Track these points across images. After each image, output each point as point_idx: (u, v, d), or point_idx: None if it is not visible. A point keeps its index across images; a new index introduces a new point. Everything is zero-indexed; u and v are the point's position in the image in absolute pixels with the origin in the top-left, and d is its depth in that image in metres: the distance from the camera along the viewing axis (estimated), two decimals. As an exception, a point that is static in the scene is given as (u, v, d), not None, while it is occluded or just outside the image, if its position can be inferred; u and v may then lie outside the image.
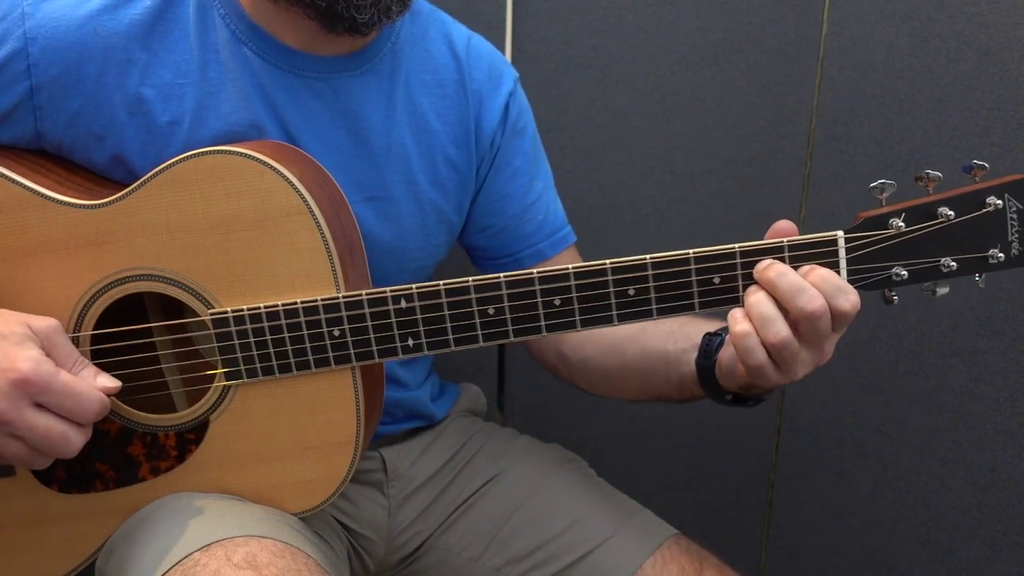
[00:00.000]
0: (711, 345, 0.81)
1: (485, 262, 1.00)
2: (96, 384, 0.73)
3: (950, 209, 0.71)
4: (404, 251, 0.91)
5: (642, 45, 1.25)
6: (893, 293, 0.74)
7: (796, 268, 0.72)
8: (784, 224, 0.74)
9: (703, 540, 0.94)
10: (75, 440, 0.71)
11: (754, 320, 0.71)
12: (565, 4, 1.24)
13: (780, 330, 0.70)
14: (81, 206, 0.76)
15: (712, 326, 0.84)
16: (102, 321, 0.78)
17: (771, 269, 0.71)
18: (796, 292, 0.69)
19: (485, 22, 1.22)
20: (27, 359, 0.68)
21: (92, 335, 0.77)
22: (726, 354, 0.78)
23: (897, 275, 0.73)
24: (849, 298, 0.70)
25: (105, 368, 0.78)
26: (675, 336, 0.86)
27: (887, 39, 1.17)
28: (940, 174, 0.71)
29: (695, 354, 0.82)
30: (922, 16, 1.15)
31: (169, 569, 0.69)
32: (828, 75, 1.21)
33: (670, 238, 1.31)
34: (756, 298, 0.71)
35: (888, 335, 1.24)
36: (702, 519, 1.40)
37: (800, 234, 0.74)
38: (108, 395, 0.73)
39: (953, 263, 0.73)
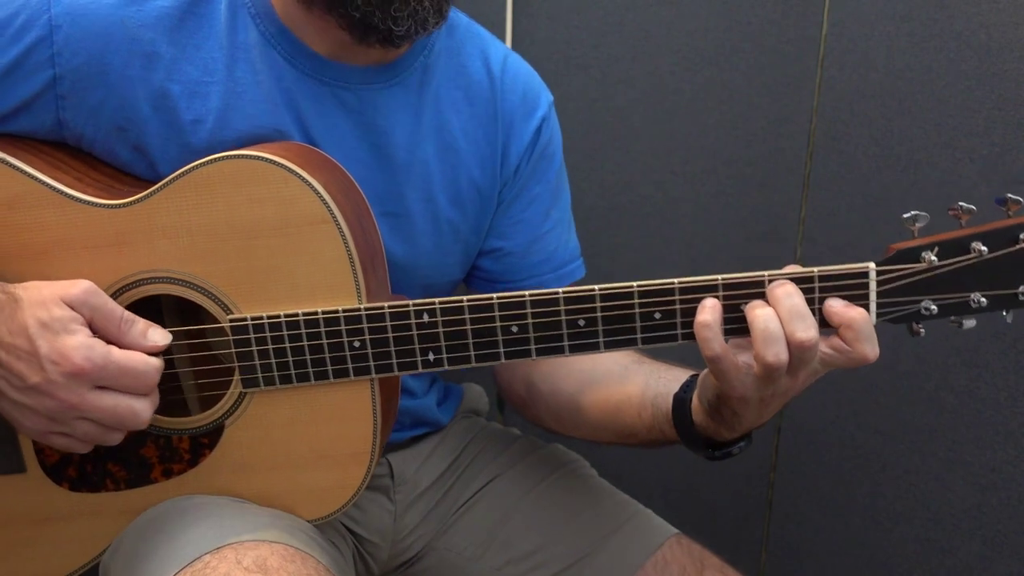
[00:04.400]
0: (693, 383, 0.80)
1: (484, 284, 0.97)
2: (147, 343, 0.72)
3: (983, 244, 0.70)
4: (415, 268, 0.89)
5: (642, 45, 1.25)
6: (920, 326, 0.73)
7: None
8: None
9: (703, 540, 0.93)
10: (143, 411, 0.72)
11: (781, 315, 0.70)
12: (565, 4, 1.24)
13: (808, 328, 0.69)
14: (101, 205, 0.75)
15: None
16: None
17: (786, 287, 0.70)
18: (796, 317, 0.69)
19: (485, 22, 1.21)
20: (76, 348, 0.68)
21: None
22: (703, 374, 0.77)
23: (927, 309, 0.71)
24: (876, 349, 0.70)
25: None
26: (659, 374, 0.86)
27: (887, 39, 1.17)
28: (974, 207, 0.70)
29: (676, 389, 0.82)
30: (922, 16, 1.15)
31: (179, 571, 0.68)
32: (828, 75, 1.21)
33: (670, 238, 1.31)
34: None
35: (888, 335, 1.24)
36: (702, 519, 1.40)
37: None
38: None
39: (983, 299, 0.71)
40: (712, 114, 1.26)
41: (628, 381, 0.87)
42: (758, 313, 0.69)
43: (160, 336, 0.73)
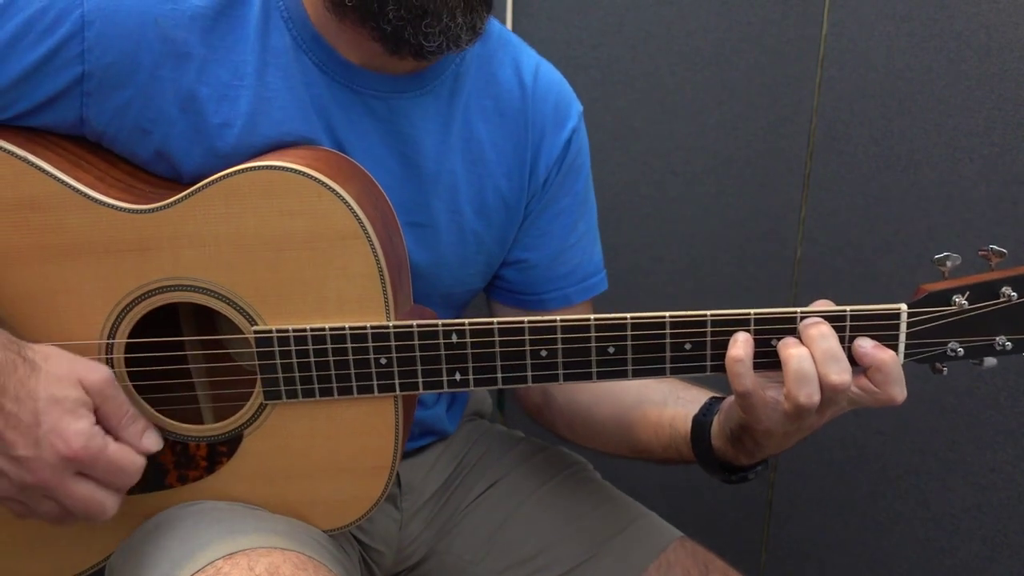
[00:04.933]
0: (714, 406, 0.80)
1: (507, 295, 0.95)
2: (141, 445, 0.72)
3: (1013, 289, 0.71)
4: (436, 278, 0.88)
5: (642, 45, 1.24)
6: (943, 365, 0.74)
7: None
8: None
9: (703, 541, 0.93)
10: (110, 508, 0.71)
11: (816, 356, 0.70)
12: (565, 4, 1.23)
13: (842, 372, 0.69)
14: (126, 210, 0.73)
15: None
16: (136, 329, 0.76)
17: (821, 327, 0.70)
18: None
19: (484, 22, 1.22)
20: (78, 433, 0.67)
21: (126, 343, 0.76)
22: (727, 401, 0.77)
23: (953, 351, 0.72)
24: (904, 391, 0.71)
25: (136, 376, 0.77)
26: (678, 395, 0.86)
27: (887, 39, 1.17)
28: (1005, 251, 0.71)
29: (695, 411, 0.82)
30: (922, 16, 1.15)
31: (192, 575, 0.68)
32: (828, 75, 1.21)
33: (670, 238, 1.31)
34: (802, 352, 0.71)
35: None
36: (702, 519, 1.40)
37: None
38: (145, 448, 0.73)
39: (1009, 343, 0.72)
40: (712, 114, 1.25)
41: (646, 399, 0.87)
42: (792, 352, 0.69)
43: (154, 443, 0.73)
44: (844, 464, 1.31)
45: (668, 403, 0.85)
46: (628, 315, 0.72)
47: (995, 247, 0.71)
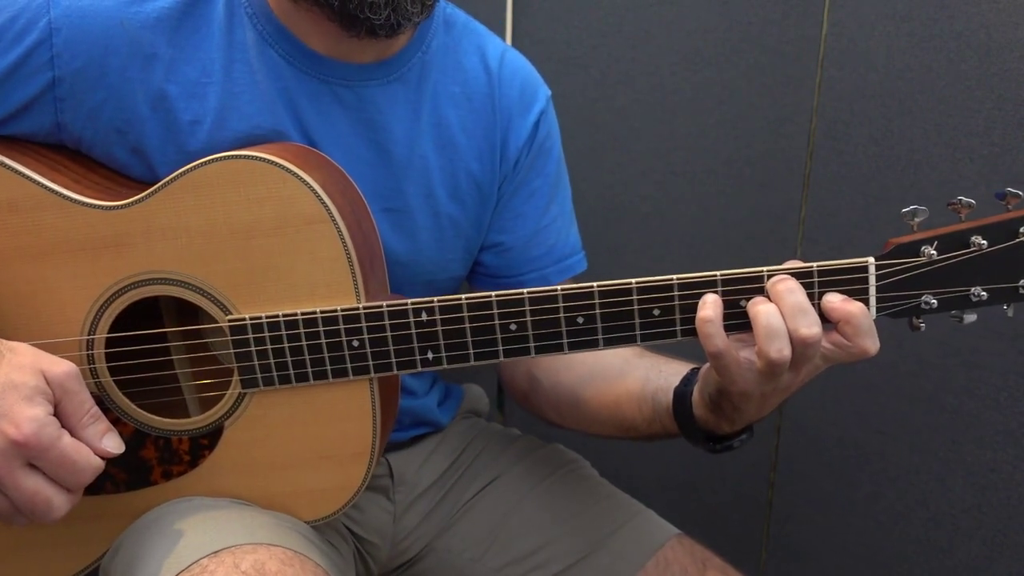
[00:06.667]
0: (693, 377, 0.81)
1: (486, 279, 0.97)
2: (100, 445, 0.70)
3: (983, 238, 0.70)
4: (417, 264, 0.89)
5: (642, 45, 1.25)
6: (920, 321, 0.73)
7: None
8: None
9: (703, 540, 0.93)
10: (59, 508, 0.69)
11: (785, 310, 0.70)
12: (565, 4, 1.24)
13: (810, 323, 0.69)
14: (99, 207, 0.75)
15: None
16: (117, 324, 0.77)
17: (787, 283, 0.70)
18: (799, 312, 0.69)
19: (485, 22, 1.21)
20: (31, 419, 0.66)
21: (107, 338, 0.77)
22: (704, 368, 0.77)
23: (927, 303, 0.72)
24: (876, 343, 0.70)
25: (119, 371, 0.77)
26: (659, 368, 0.86)
27: (887, 39, 1.17)
28: (973, 201, 0.70)
29: (676, 382, 0.82)
30: (922, 16, 1.15)
31: (177, 574, 0.68)
32: (828, 75, 1.21)
33: (670, 238, 1.31)
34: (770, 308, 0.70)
35: (888, 335, 1.24)
36: (702, 519, 1.40)
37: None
38: (112, 440, 0.71)
39: (984, 293, 0.71)
40: (712, 114, 1.26)
41: (628, 375, 0.87)
42: (760, 309, 0.69)
43: (115, 445, 0.72)
44: (844, 464, 1.31)
45: (650, 378, 0.85)
46: (595, 284, 0.73)
47: (964, 198, 0.70)
